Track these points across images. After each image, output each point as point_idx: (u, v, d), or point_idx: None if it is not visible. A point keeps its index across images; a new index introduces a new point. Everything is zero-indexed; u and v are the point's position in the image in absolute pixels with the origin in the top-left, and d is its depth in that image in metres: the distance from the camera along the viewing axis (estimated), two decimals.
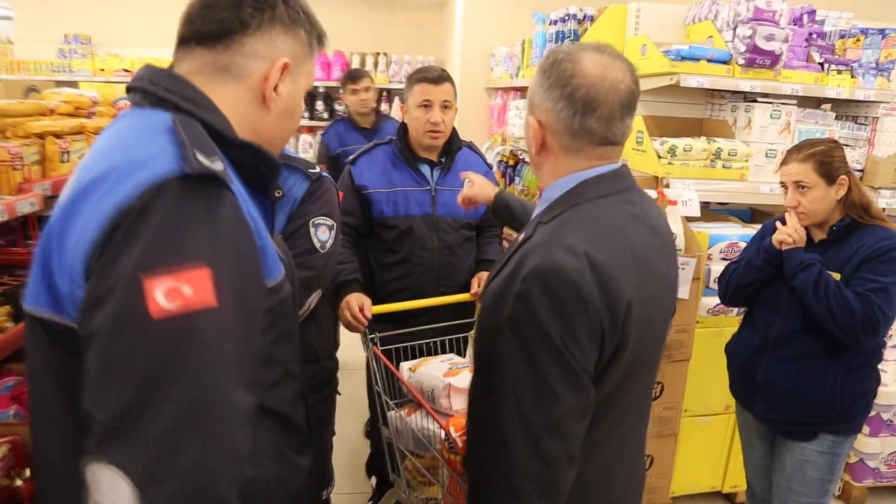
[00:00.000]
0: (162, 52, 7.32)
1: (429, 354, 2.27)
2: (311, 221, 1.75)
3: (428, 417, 1.93)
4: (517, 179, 4.35)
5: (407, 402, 2.14)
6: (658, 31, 2.96)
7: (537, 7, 4.29)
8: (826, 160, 1.97)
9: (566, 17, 3.24)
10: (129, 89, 0.95)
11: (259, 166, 0.98)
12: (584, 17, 3.19)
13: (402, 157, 2.43)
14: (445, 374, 1.96)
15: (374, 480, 2.90)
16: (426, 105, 2.33)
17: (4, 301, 1.68)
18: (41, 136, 2.05)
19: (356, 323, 2.24)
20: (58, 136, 2.10)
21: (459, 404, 1.89)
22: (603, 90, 1.11)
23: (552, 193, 1.22)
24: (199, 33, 0.95)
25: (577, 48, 1.16)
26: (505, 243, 2.73)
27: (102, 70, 7.29)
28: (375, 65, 7.21)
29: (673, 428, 2.71)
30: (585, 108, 1.12)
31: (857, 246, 1.97)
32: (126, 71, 7.29)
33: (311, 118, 6.72)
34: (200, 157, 0.79)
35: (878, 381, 2.06)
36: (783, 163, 2.07)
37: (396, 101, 6.78)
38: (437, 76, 2.36)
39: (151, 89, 0.91)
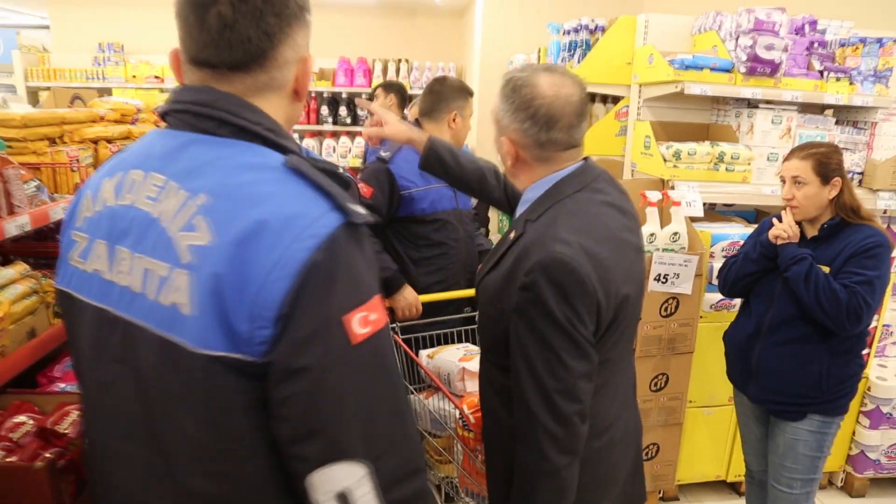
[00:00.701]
0: None
1: (445, 343, 2.45)
2: None
3: (444, 399, 2.10)
4: None
5: (425, 387, 2.32)
6: (665, 41, 3.11)
7: (552, 17, 4.45)
8: (824, 161, 2.12)
9: (579, 28, 3.40)
10: (196, 114, 0.94)
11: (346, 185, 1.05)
12: (596, 27, 3.35)
13: None
14: (460, 360, 2.13)
15: None
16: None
17: None
18: (94, 141, 2.26)
19: (413, 314, 2.51)
20: (109, 140, 2.31)
21: (473, 387, 2.06)
22: (559, 106, 1.33)
23: (532, 194, 1.43)
24: (230, 62, 0.93)
25: (531, 72, 1.37)
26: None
27: (134, 77, 7.56)
28: (397, 71, 7.40)
29: (678, 418, 2.85)
30: (548, 123, 1.34)
31: (845, 242, 2.12)
32: (157, 77, 7.56)
33: (335, 123, 6.90)
34: (351, 206, 0.89)
35: (862, 366, 2.21)
36: (786, 159, 2.22)
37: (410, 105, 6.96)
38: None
39: (231, 119, 0.93)
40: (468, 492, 2.10)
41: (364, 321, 0.87)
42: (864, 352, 2.24)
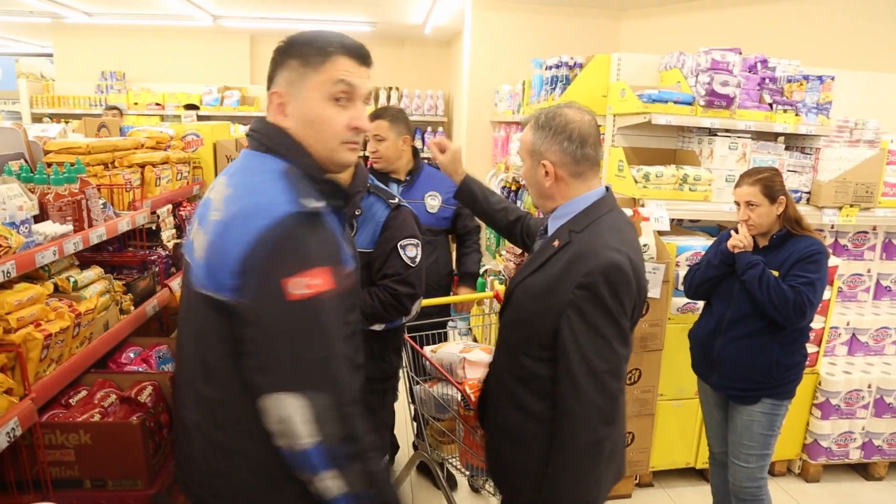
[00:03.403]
0: (188, 87, 7.99)
1: (443, 341, 2.79)
2: (398, 245, 2.25)
3: (447, 386, 2.45)
4: (519, 203, 4.90)
5: (429, 378, 2.66)
6: (636, 77, 3.52)
7: (535, 51, 4.89)
8: (769, 184, 2.51)
9: (559, 64, 3.81)
10: (249, 136, 1.37)
11: (334, 191, 1.39)
12: (575, 64, 3.76)
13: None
14: (461, 352, 2.48)
15: None
16: None
17: (127, 290, 2.21)
18: (141, 165, 2.60)
19: None
20: (153, 165, 2.65)
21: (472, 374, 2.40)
22: (587, 127, 1.66)
23: (570, 209, 1.69)
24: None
25: (556, 107, 1.71)
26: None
27: (136, 104, 7.88)
28: (388, 98, 7.80)
29: (650, 409, 3.21)
30: (582, 141, 1.64)
31: (791, 251, 2.50)
32: (157, 105, 7.89)
33: None
34: (304, 200, 1.22)
35: (805, 356, 2.58)
36: (737, 185, 2.60)
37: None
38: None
39: (263, 140, 1.32)
40: (468, 465, 2.43)
41: (301, 284, 1.17)
42: (807, 344, 2.62)
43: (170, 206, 2.78)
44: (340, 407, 1.19)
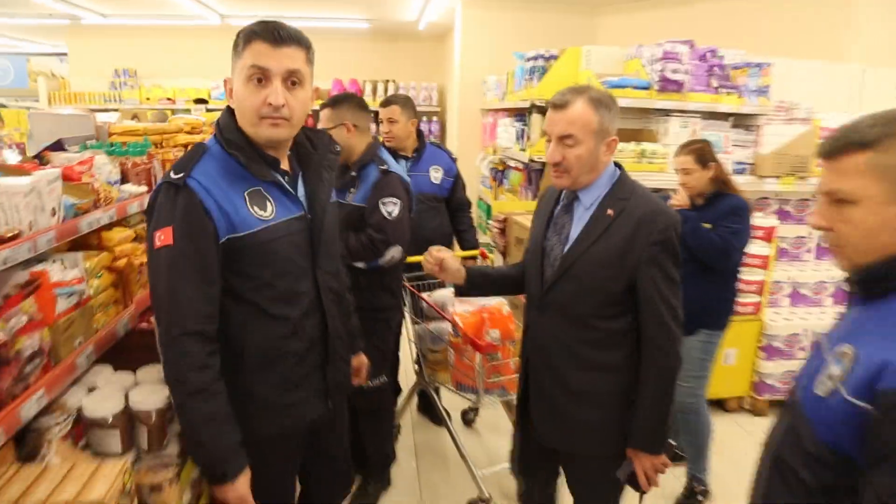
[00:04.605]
0: (197, 82, 8.49)
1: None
2: (380, 201, 2.74)
3: (440, 322, 2.99)
4: (505, 181, 5.44)
5: (426, 319, 3.20)
6: (602, 66, 4.05)
7: (519, 45, 5.41)
8: (701, 153, 3.04)
9: (537, 57, 4.34)
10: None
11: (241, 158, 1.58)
12: (550, 56, 4.29)
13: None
14: (452, 293, 3.02)
15: None
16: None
17: None
18: (185, 146, 3.12)
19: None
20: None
21: (461, 308, 2.94)
22: None
23: (602, 181, 1.84)
24: None
25: (595, 88, 1.84)
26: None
27: (148, 99, 8.38)
28: (385, 90, 8.31)
29: None
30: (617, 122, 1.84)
31: (720, 207, 3.03)
32: (168, 99, 8.39)
33: None
34: (171, 174, 1.51)
35: (735, 293, 3.11)
36: (675, 155, 3.13)
37: None
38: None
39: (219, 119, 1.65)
40: (460, 385, 2.97)
41: (159, 239, 1.49)
42: (747, 291, 3.16)
43: None
44: (167, 336, 1.49)
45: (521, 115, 4.72)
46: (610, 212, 1.79)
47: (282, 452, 1.73)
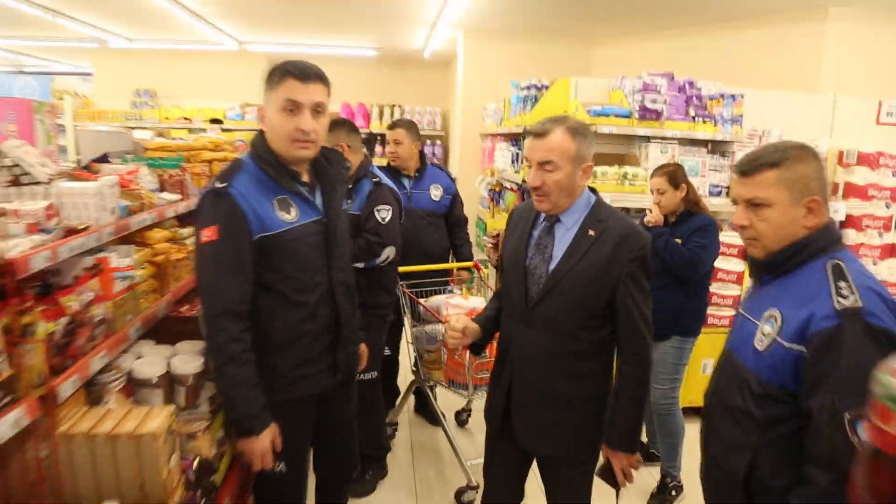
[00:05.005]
0: (213, 103, 8.92)
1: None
2: (374, 209, 3.09)
3: (436, 324, 3.32)
4: (501, 202, 5.80)
5: (422, 322, 3.53)
6: (589, 96, 4.41)
7: (517, 74, 5.80)
8: (673, 175, 3.38)
9: (530, 86, 4.72)
10: None
11: (284, 175, 1.96)
12: (542, 86, 4.67)
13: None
14: (447, 298, 3.36)
15: None
16: None
17: None
18: (209, 161, 3.49)
19: None
20: (217, 161, 3.54)
21: (454, 311, 3.27)
22: None
23: (580, 204, 1.99)
24: None
25: (571, 118, 1.99)
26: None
27: (167, 118, 8.80)
28: (392, 114, 8.72)
29: None
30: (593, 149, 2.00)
31: (690, 224, 3.37)
32: (186, 119, 8.81)
33: None
34: (216, 183, 1.87)
35: (706, 304, 3.43)
36: (650, 177, 3.48)
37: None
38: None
39: (252, 139, 2.02)
40: (452, 382, 3.29)
41: (205, 235, 1.83)
42: (706, 295, 3.48)
43: None
44: (208, 314, 1.84)
45: (515, 139, 5.10)
46: (592, 232, 1.94)
47: (298, 415, 2.07)
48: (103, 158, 2.75)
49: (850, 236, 4.66)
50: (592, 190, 2.07)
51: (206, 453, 1.82)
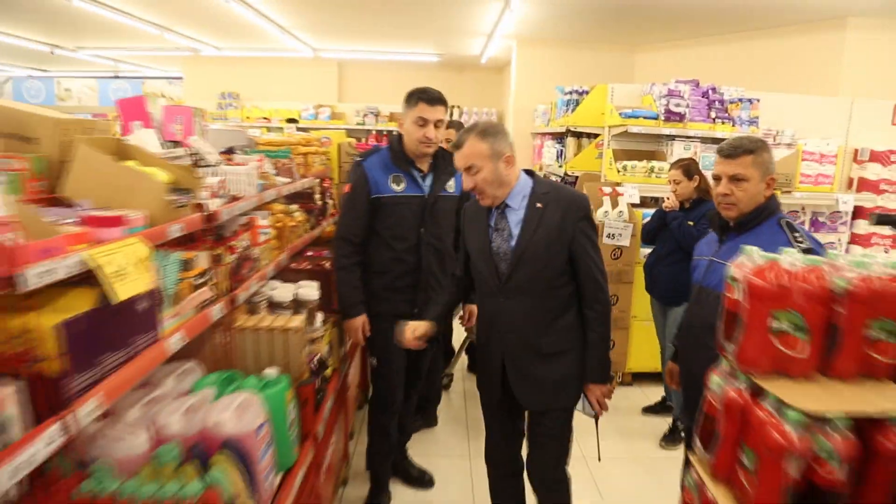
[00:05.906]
0: (289, 105, 9.88)
1: None
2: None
3: None
4: None
5: None
6: (624, 100, 5.07)
7: (566, 79, 6.49)
8: (687, 168, 4.02)
9: (573, 91, 5.40)
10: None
11: (406, 162, 2.85)
12: (583, 91, 5.34)
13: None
14: None
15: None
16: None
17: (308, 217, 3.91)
18: (305, 154, 4.31)
19: None
20: (312, 154, 4.36)
21: None
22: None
23: (520, 188, 2.25)
24: None
25: (481, 123, 2.24)
26: None
27: (248, 118, 9.79)
28: (451, 115, 9.43)
29: (625, 324, 4.72)
30: (510, 140, 2.30)
31: (702, 210, 4.00)
32: (265, 118, 9.79)
33: None
34: (358, 158, 2.89)
35: None
36: (668, 169, 4.12)
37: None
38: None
39: (390, 138, 3.03)
40: None
41: (346, 188, 2.91)
42: None
43: (318, 179, 4.49)
44: (336, 235, 2.84)
45: (560, 138, 5.78)
46: (539, 205, 2.21)
47: (385, 326, 2.84)
48: (230, 150, 3.58)
49: (863, 226, 5.18)
50: (530, 172, 2.33)
51: (322, 353, 2.61)
